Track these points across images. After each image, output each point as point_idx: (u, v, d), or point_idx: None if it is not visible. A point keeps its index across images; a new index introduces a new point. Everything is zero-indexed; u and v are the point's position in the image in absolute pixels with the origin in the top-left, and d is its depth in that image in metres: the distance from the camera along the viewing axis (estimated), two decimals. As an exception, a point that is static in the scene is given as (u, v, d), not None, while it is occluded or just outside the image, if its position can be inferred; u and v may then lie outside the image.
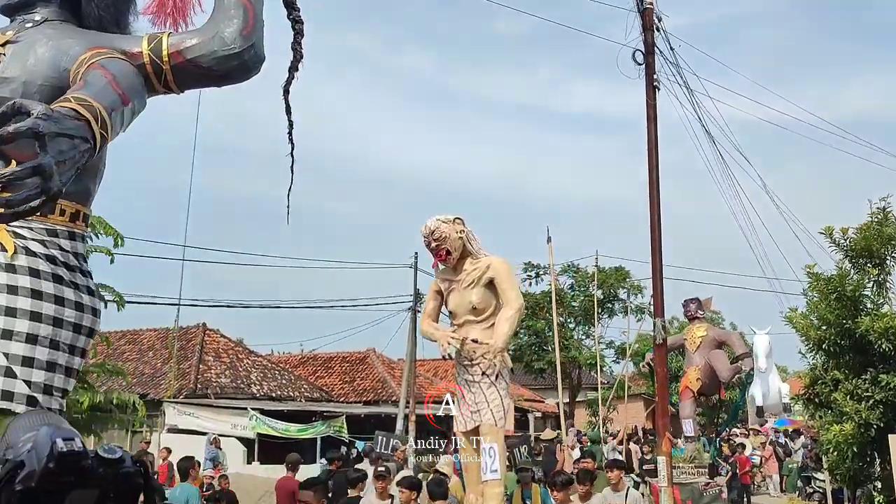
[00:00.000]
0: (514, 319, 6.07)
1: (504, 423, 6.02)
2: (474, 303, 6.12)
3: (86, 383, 10.12)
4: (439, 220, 6.17)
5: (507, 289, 6.10)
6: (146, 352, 25.72)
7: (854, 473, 9.38)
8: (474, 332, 6.10)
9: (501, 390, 6.01)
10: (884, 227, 9.36)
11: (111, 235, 9.50)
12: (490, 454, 5.83)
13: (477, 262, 6.24)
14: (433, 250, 6.20)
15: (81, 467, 2.35)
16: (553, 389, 31.76)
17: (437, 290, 6.50)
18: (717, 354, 14.25)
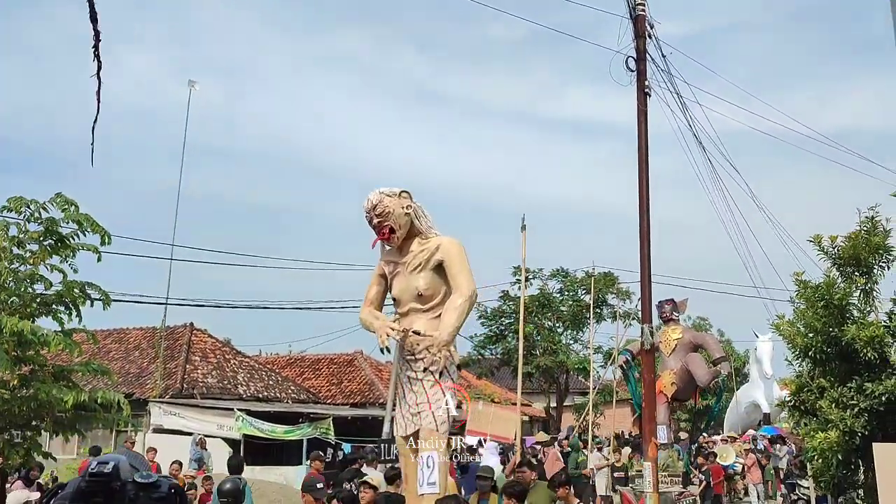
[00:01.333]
0: (464, 309, 5.31)
1: (448, 427, 5.29)
2: (420, 289, 5.40)
3: (70, 382, 10.04)
4: (383, 193, 5.45)
5: (458, 273, 5.35)
6: (132, 351, 25.58)
7: (838, 481, 9.42)
8: (419, 323, 5.41)
9: (447, 390, 5.30)
10: (872, 236, 9.41)
11: (98, 233, 9.43)
12: (428, 464, 5.12)
13: (426, 242, 5.51)
14: (375, 227, 5.45)
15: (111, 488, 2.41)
16: (541, 394, 31.85)
17: (380, 273, 5.75)
18: (694, 358, 13.75)
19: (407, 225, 5.50)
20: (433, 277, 5.43)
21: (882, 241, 9.40)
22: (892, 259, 9.45)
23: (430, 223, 5.66)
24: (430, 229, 5.65)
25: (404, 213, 5.46)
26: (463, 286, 5.34)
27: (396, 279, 5.58)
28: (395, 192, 5.50)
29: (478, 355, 28.80)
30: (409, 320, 5.49)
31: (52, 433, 10.68)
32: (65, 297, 9.41)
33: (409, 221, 5.51)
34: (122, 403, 9.55)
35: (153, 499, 2.40)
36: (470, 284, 5.37)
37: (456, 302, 5.32)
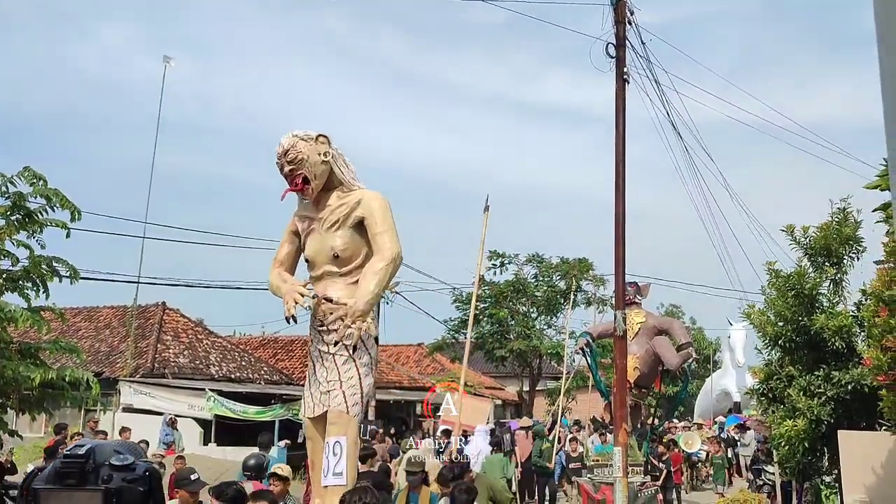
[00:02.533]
0: (385, 274, 4.63)
1: (360, 409, 4.69)
2: (337, 249, 4.72)
3: (38, 360, 9.88)
4: (296, 137, 4.77)
5: (381, 232, 4.66)
6: (103, 329, 25.28)
7: (803, 467, 9.60)
8: (335, 289, 4.73)
9: (361, 367, 4.67)
10: (843, 227, 9.54)
11: (68, 209, 9.25)
12: (335, 451, 4.49)
13: (346, 195, 4.83)
14: (287, 176, 4.77)
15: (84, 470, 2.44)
16: (514, 378, 32.03)
17: (292, 230, 5.06)
18: (663, 342, 13.00)
19: (324, 175, 4.82)
20: (352, 236, 4.76)
21: (853, 232, 9.53)
22: (863, 250, 9.59)
23: (352, 174, 4.99)
24: (353, 181, 4.95)
25: (321, 161, 4.77)
26: (385, 248, 4.66)
27: (310, 237, 4.88)
28: (312, 135, 4.82)
29: (452, 339, 28.84)
30: (322, 285, 4.80)
31: (19, 411, 10.53)
32: (32, 274, 9.23)
33: (327, 171, 4.83)
34: (91, 382, 9.41)
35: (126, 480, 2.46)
36: (393, 246, 4.68)
37: (376, 266, 4.62)
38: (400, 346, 35.93)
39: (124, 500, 2.42)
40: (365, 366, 4.71)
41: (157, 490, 2.59)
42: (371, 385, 4.77)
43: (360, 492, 4.12)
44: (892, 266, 6.12)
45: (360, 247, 4.76)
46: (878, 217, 6.11)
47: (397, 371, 30.76)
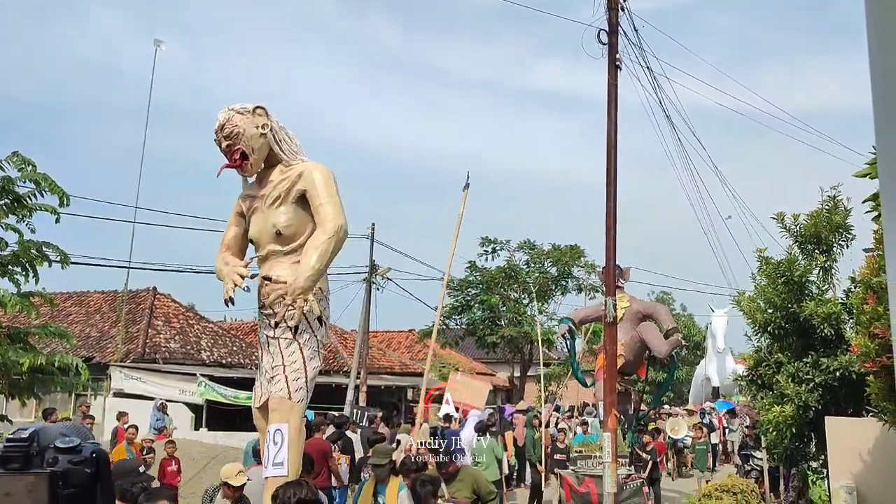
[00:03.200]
0: (329, 247, 4.32)
1: (305, 394, 4.36)
2: (279, 226, 4.46)
3: (27, 345, 9.86)
4: (232, 110, 4.52)
5: (323, 204, 4.39)
6: (93, 314, 25.20)
7: (791, 452, 9.68)
8: (279, 269, 4.45)
9: (306, 349, 4.38)
10: (833, 214, 9.58)
11: (57, 194, 9.21)
12: (275, 439, 4.20)
13: (288, 170, 4.58)
14: (225, 152, 4.54)
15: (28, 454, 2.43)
16: (505, 364, 32.13)
17: (238, 211, 4.81)
18: (650, 328, 12.49)
19: (264, 149, 4.56)
20: (295, 212, 4.49)
21: (842, 219, 9.58)
22: (852, 238, 9.64)
23: (294, 147, 4.70)
24: (295, 155, 4.67)
25: (259, 134, 4.51)
26: (327, 220, 4.37)
27: (254, 217, 4.62)
28: (249, 108, 4.55)
29: (443, 325, 28.90)
30: (268, 266, 4.54)
31: (8, 396, 10.51)
32: (21, 258, 9.20)
33: (267, 145, 4.57)
34: (81, 367, 9.41)
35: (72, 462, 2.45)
36: (336, 218, 4.38)
37: (318, 240, 4.34)
38: (391, 332, 35.96)
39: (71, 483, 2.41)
40: (310, 348, 4.40)
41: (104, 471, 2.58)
42: (317, 368, 4.49)
43: (293, 486, 3.77)
44: (881, 253, 6.15)
45: (304, 223, 4.48)
46: (869, 207, 6.13)
47: (388, 357, 30.81)
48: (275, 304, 4.37)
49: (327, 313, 4.64)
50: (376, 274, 22.23)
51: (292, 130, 4.81)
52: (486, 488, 6.24)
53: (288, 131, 4.72)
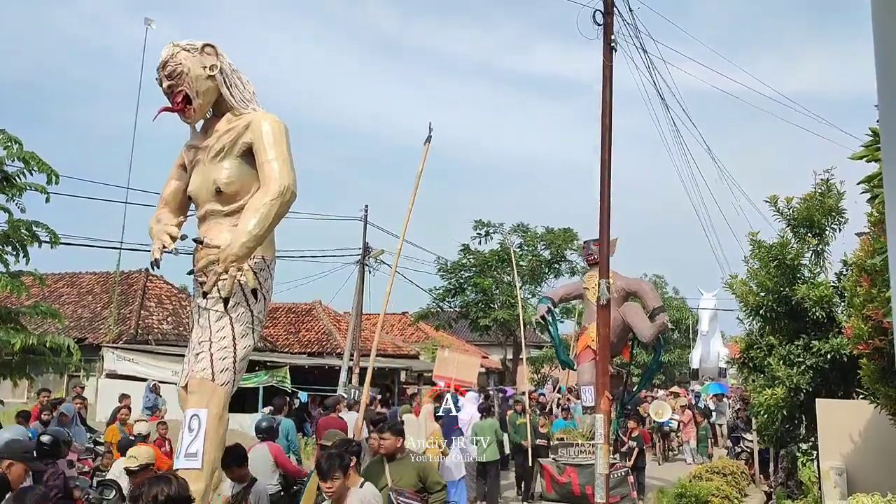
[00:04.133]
0: (270, 210, 3.73)
1: (232, 376, 3.82)
2: (220, 182, 3.90)
3: (18, 325, 9.81)
4: (178, 47, 3.93)
5: (269, 161, 3.82)
6: (85, 295, 25.10)
7: (781, 434, 9.75)
8: (218, 230, 3.92)
9: (238, 326, 3.85)
10: (826, 198, 9.60)
11: (45, 172, 9.12)
12: (191, 426, 3.66)
13: (236, 119, 4.02)
14: (167, 93, 3.99)
15: None
16: (498, 346, 32.21)
17: (180, 163, 4.24)
18: (633, 309, 11.69)
19: (211, 93, 4.00)
20: (240, 167, 3.93)
21: (835, 203, 9.60)
22: (845, 221, 9.66)
23: (247, 95, 4.12)
24: (246, 103, 4.09)
25: (206, 76, 3.94)
26: (272, 178, 3.78)
27: (196, 170, 4.07)
28: (197, 45, 3.97)
29: (436, 308, 28.91)
30: (206, 227, 4.00)
31: (1, 376, 10.47)
32: (11, 238, 9.13)
33: (215, 89, 4.00)
34: (72, 348, 9.37)
35: None
36: (283, 177, 3.78)
37: (259, 201, 3.76)
38: (385, 314, 36.01)
39: None
40: (243, 324, 3.85)
41: None
42: (250, 347, 3.94)
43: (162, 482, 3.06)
44: (876, 235, 6.15)
45: (249, 180, 3.90)
46: (863, 189, 6.12)
47: (381, 339, 30.86)
48: (206, 272, 3.81)
49: (269, 286, 4.08)
50: (369, 256, 22.18)
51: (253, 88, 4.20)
52: (432, 478, 5.86)
53: (242, 76, 4.17)
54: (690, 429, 19.54)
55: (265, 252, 4.01)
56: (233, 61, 4.13)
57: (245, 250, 3.71)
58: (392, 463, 5.83)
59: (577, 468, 10.47)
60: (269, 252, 4.08)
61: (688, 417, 19.60)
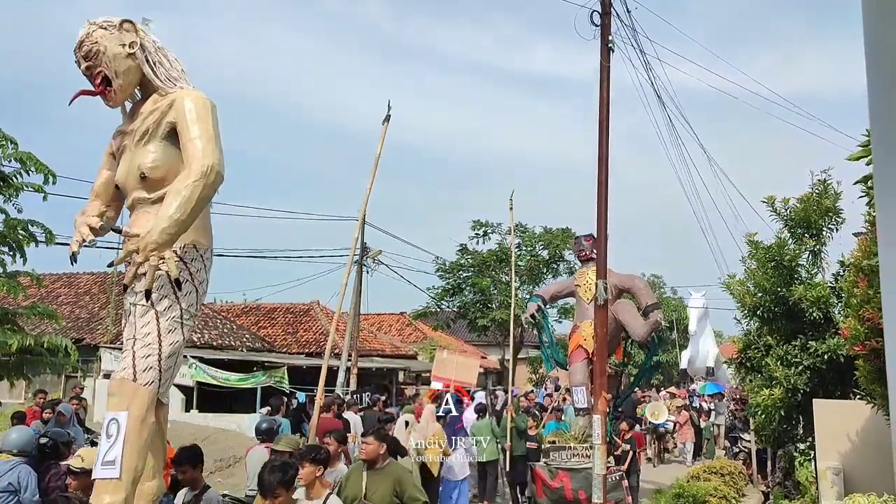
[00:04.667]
0: (193, 192, 3.44)
1: (157, 375, 3.52)
2: (144, 167, 3.65)
3: (16, 325, 9.80)
4: (94, 24, 3.70)
5: (193, 140, 3.56)
6: (83, 296, 25.09)
7: (779, 435, 9.76)
8: (144, 220, 3.62)
9: (164, 321, 3.57)
10: (823, 198, 9.61)
11: (42, 172, 9.11)
12: (109, 431, 3.39)
13: (162, 99, 3.75)
14: (86, 75, 3.74)
15: None
16: (496, 346, 32.23)
17: (109, 152, 3.97)
18: (626, 306, 11.34)
19: (132, 73, 3.74)
20: (165, 150, 3.68)
21: (832, 203, 9.61)
22: (842, 222, 9.68)
23: (173, 73, 3.87)
24: (174, 82, 3.83)
25: (125, 54, 3.70)
26: (194, 158, 3.51)
27: (122, 157, 3.82)
28: (114, 22, 3.74)
29: (435, 307, 28.93)
30: (133, 217, 3.75)
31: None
32: (8, 238, 9.13)
33: (137, 68, 3.75)
34: (70, 348, 9.37)
35: None
36: (206, 157, 3.51)
37: (180, 183, 3.48)
38: (382, 315, 36.00)
39: None
40: (169, 318, 3.58)
41: None
42: (178, 343, 3.64)
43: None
44: (872, 236, 6.16)
45: (176, 164, 3.63)
46: (860, 189, 6.13)
47: (379, 339, 30.86)
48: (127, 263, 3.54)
49: (201, 276, 3.79)
50: (367, 256, 22.18)
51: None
52: (410, 492, 5.37)
53: (168, 53, 3.91)
54: (687, 430, 19.27)
55: (198, 239, 3.76)
56: (158, 38, 3.96)
57: (166, 237, 3.42)
58: (371, 471, 5.53)
59: (570, 472, 10.10)
60: (203, 239, 3.83)
61: (684, 418, 19.35)
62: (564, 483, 10.20)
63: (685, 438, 19.23)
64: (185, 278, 3.66)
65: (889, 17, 2.06)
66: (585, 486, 9.63)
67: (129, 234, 3.52)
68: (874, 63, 2.11)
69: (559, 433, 11.46)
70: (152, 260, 3.39)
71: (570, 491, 10.09)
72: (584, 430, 10.45)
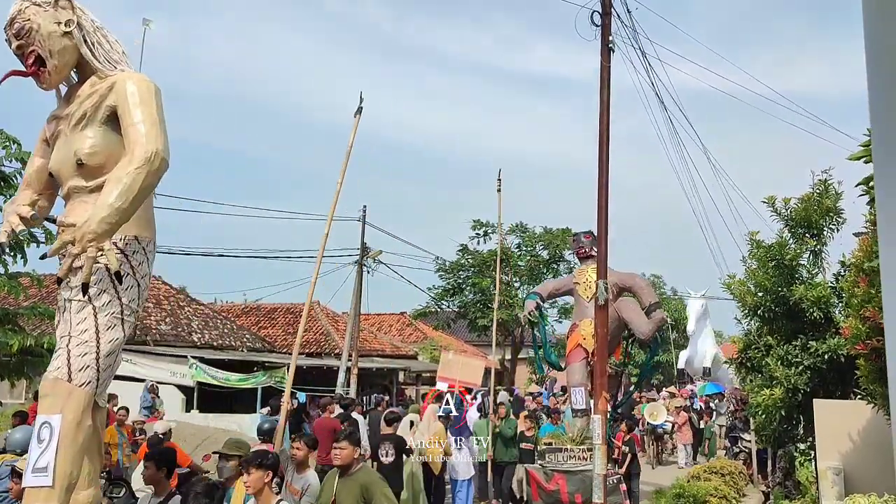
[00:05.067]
0: (136, 181, 3.21)
1: (94, 375, 3.28)
2: (81, 153, 3.41)
3: (16, 326, 9.81)
4: (26, 1, 3.47)
5: (135, 124, 3.33)
6: (83, 296, 25.11)
7: (779, 435, 9.76)
8: (83, 209, 3.36)
9: (102, 316, 3.34)
10: (824, 198, 9.61)
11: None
12: (41, 436, 3.18)
13: (101, 82, 3.51)
14: (18, 55, 3.53)
15: None
16: (497, 346, 32.25)
17: (43, 137, 3.76)
18: (629, 304, 11.17)
19: (67, 53, 3.49)
20: (105, 136, 3.45)
21: (833, 203, 9.60)
22: (843, 222, 9.68)
23: (114, 55, 3.62)
24: (114, 64, 3.59)
25: (61, 33, 3.46)
26: (137, 143, 3.29)
27: (57, 143, 3.60)
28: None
29: (435, 307, 28.95)
30: (70, 207, 3.52)
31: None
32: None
33: (73, 48, 3.51)
34: (71, 349, 9.35)
35: None
36: (149, 143, 3.29)
37: (123, 169, 3.25)
38: (382, 315, 36.02)
39: None
40: (108, 314, 3.36)
41: None
42: (118, 341, 3.41)
43: None
44: (875, 236, 6.17)
45: (116, 150, 3.41)
46: (862, 191, 6.13)
47: (379, 339, 30.86)
48: (62, 255, 3.31)
49: (143, 270, 3.55)
50: (367, 256, 22.17)
51: None
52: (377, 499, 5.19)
53: (107, 33, 3.68)
54: (686, 431, 19.04)
55: (140, 231, 3.53)
56: (97, 18, 3.74)
57: (105, 227, 3.18)
58: (343, 477, 5.40)
59: (566, 475, 9.99)
60: (146, 231, 3.59)
61: (683, 419, 19.13)
62: (560, 485, 10.09)
63: (683, 440, 19.05)
64: (127, 272, 3.43)
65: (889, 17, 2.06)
66: (582, 489, 9.52)
67: (64, 224, 3.32)
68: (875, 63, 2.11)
69: (556, 435, 11.29)
70: (90, 251, 3.17)
71: (566, 494, 9.97)
72: (582, 432, 10.37)
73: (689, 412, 19.70)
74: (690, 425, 19.24)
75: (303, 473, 6.26)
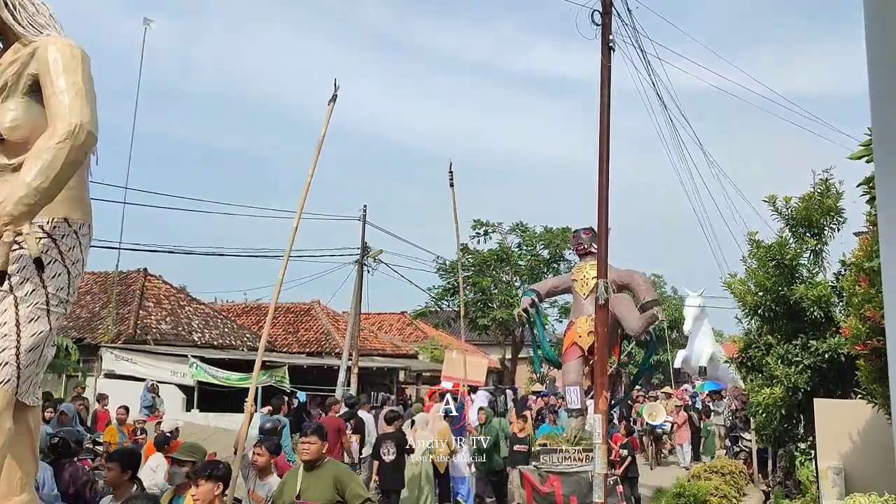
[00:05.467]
0: (58, 156, 2.92)
1: (14, 372, 2.99)
2: (3, 128, 3.10)
3: (16, 325, 9.83)
4: None
5: (57, 94, 3.02)
6: (84, 295, 25.05)
7: (779, 434, 9.76)
8: (3, 190, 3.00)
9: (24, 307, 3.03)
10: (825, 198, 9.61)
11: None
12: None
13: (24, 48, 3.20)
14: None
15: None
16: (497, 346, 32.25)
17: None
18: (622, 300, 10.88)
19: None
20: (28, 107, 3.14)
21: (834, 203, 9.61)
22: (843, 221, 9.68)
23: (40, 19, 3.29)
24: (39, 28, 3.26)
25: None
26: (59, 116, 2.99)
27: None
28: None
29: (435, 307, 28.95)
30: None
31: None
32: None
33: None
34: (71, 348, 9.36)
35: None
36: (74, 114, 2.99)
37: (44, 144, 2.96)
38: (383, 315, 36.03)
39: None
40: (32, 305, 3.04)
41: None
42: (43, 334, 3.09)
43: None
44: (876, 236, 6.16)
45: (42, 123, 3.08)
46: (863, 190, 6.13)
47: (380, 339, 30.88)
48: None
49: (75, 255, 3.24)
50: (368, 256, 22.17)
51: None
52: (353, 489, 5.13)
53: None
54: (684, 431, 18.86)
55: (70, 213, 3.23)
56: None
57: (23, 209, 2.86)
58: (308, 472, 5.29)
59: (561, 476, 9.73)
60: (78, 213, 3.28)
61: (682, 419, 18.93)
62: (555, 487, 9.84)
63: (682, 440, 18.89)
64: (53, 258, 3.11)
65: (890, 17, 2.06)
66: (577, 491, 9.35)
67: None
68: (875, 63, 2.12)
69: (551, 436, 11.11)
70: (6, 236, 2.85)
71: (562, 496, 9.74)
72: (577, 432, 10.19)
73: (689, 412, 19.62)
74: (690, 425, 19.15)
75: (265, 480, 6.04)
